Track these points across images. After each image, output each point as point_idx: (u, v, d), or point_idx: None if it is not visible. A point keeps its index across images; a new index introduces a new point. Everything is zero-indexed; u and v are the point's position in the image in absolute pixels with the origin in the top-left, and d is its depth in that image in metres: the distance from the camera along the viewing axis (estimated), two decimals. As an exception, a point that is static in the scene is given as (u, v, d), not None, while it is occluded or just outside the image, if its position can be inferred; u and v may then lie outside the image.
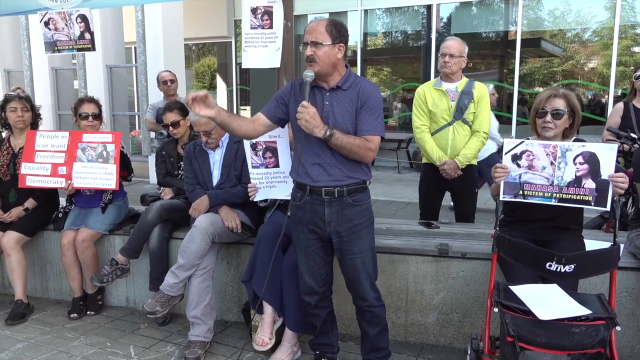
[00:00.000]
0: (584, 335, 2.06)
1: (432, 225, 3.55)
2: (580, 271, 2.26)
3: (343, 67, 2.46)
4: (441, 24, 10.74)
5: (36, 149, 3.57)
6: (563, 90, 2.63)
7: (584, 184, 2.39)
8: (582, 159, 2.39)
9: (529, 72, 10.41)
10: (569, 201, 2.44)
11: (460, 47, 3.53)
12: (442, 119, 3.60)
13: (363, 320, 2.63)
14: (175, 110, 3.63)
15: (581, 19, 9.90)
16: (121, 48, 10.26)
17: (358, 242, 2.51)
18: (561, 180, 2.43)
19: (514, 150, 2.49)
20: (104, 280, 3.40)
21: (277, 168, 3.00)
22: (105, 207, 3.67)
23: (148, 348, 3.15)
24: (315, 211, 2.50)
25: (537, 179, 2.47)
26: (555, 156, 2.43)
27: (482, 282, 2.99)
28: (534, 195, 2.48)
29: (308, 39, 2.38)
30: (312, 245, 2.58)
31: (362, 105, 2.41)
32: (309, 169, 2.47)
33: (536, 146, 2.46)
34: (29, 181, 3.57)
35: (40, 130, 3.66)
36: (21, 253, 3.62)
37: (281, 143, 2.95)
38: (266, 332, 2.92)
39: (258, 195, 3.05)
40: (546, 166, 2.44)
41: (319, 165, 2.45)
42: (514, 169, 2.49)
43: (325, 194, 2.46)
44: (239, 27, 12.75)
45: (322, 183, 2.45)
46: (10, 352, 3.11)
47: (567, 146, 2.42)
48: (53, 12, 3.97)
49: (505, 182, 2.51)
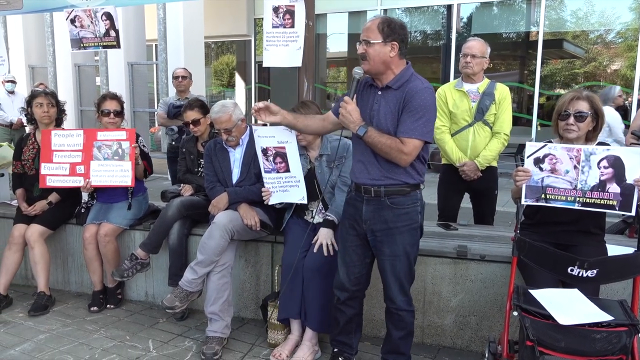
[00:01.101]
0: (605, 342, 2.03)
1: (450, 227, 3.53)
2: (602, 276, 2.23)
3: (399, 65, 2.41)
4: (461, 24, 10.67)
5: (53, 148, 3.61)
6: (587, 93, 2.59)
7: (608, 188, 2.36)
8: (607, 163, 2.36)
9: (550, 74, 10.29)
10: (593, 205, 2.40)
11: (483, 48, 3.50)
12: (462, 120, 3.58)
13: (389, 321, 2.63)
14: (195, 108, 3.67)
15: (605, 20, 9.75)
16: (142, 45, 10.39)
17: (391, 245, 2.48)
18: (585, 185, 2.40)
19: (536, 154, 2.46)
20: (124, 275, 3.45)
21: (288, 173, 3.00)
22: (131, 205, 3.73)
23: (166, 342, 3.19)
24: (355, 207, 2.55)
25: (560, 183, 2.44)
26: (579, 160, 2.40)
27: (501, 285, 2.97)
28: (556, 199, 2.45)
29: (361, 37, 2.40)
30: (350, 241, 2.61)
31: (405, 105, 2.36)
32: (355, 166, 2.56)
33: (559, 150, 2.43)
34: (49, 181, 3.63)
35: (54, 129, 3.70)
36: (44, 246, 3.69)
37: (290, 149, 2.93)
38: (286, 349, 2.95)
39: (272, 199, 3.06)
40: (569, 170, 2.41)
41: (362, 163, 2.50)
42: (536, 173, 2.46)
43: (364, 191, 2.49)
44: (258, 26, 12.81)
45: (362, 180, 2.49)
46: (32, 342, 3.18)
47: (591, 150, 2.39)
48: (79, 9, 4.04)
49: (527, 186, 2.48)
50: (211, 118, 3.35)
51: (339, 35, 12.58)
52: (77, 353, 3.05)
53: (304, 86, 3.50)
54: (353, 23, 12.08)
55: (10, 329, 3.36)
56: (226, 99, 5.13)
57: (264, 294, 3.40)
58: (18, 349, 3.09)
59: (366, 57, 2.36)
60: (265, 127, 3.04)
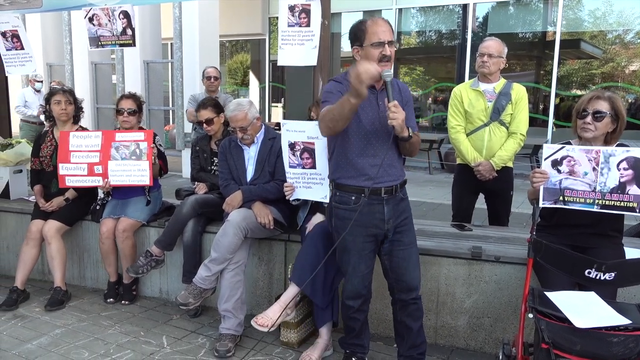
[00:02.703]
0: (622, 346, 2.00)
1: (465, 228, 3.51)
2: (620, 279, 2.20)
3: None
4: (477, 23, 10.58)
5: (70, 149, 3.64)
6: (609, 93, 2.56)
7: (628, 190, 2.33)
8: (627, 165, 2.33)
9: (566, 74, 10.16)
10: (613, 208, 2.37)
11: (500, 48, 3.47)
12: (478, 120, 3.56)
13: (405, 315, 2.63)
14: (209, 107, 3.69)
15: (623, 20, 9.61)
16: (158, 44, 10.48)
17: (408, 234, 2.59)
18: (604, 187, 2.36)
19: (554, 156, 2.44)
20: (139, 272, 3.49)
21: (313, 169, 2.99)
22: (149, 201, 3.78)
23: (180, 339, 3.22)
24: (373, 212, 2.50)
25: (578, 185, 2.41)
26: (598, 162, 2.37)
27: (516, 286, 2.94)
28: (575, 201, 2.42)
29: (386, 37, 2.36)
30: (367, 249, 2.56)
31: (406, 102, 2.46)
32: (369, 171, 2.45)
33: (577, 151, 2.40)
34: (68, 181, 3.67)
35: (73, 131, 3.74)
36: (61, 241, 3.74)
37: (319, 145, 2.93)
38: (316, 353, 2.90)
39: (294, 194, 3.07)
40: (588, 172, 2.38)
41: (379, 166, 2.43)
42: (554, 175, 2.44)
43: (385, 192, 2.48)
44: (273, 25, 12.83)
45: (383, 184, 2.47)
46: (49, 337, 3.22)
47: (611, 151, 2.36)
48: (97, 8, 4.09)
49: (544, 188, 2.46)
50: (226, 116, 3.37)
51: (353, 34, 12.54)
52: (92, 348, 3.08)
53: (319, 85, 3.50)
54: (368, 22, 12.01)
55: (27, 323, 3.41)
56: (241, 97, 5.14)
57: (276, 292, 3.41)
58: (35, 343, 3.13)
59: (391, 58, 2.38)
60: (295, 121, 3.05)
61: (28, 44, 4.59)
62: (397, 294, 2.64)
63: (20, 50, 4.58)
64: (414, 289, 2.60)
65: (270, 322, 2.77)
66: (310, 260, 2.83)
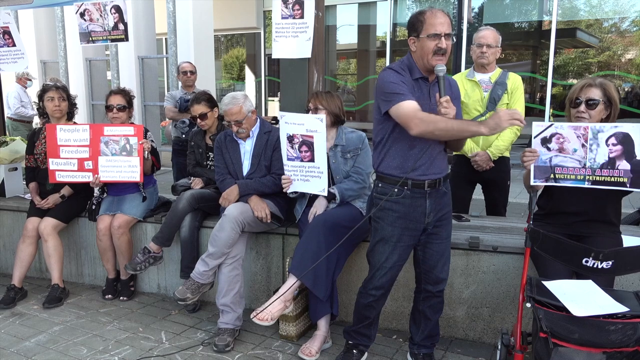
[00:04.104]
0: (620, 333, 2.00)
1: (462, 218, 3.50)
2: (618, 268, 2.20)
3: None
4: (472, 14, 10.53)
5: (59, 143, 3.61)
6: (600, 80, 2.55)
7: (617, 165, 2.32)
8: (615, 140, 2.31)
9: (563, 64, 10.15)
10: (603, 183, 2.36)
11: (496, 37, 3.47)
12: (474, 110, 3.54)
13: (427, 307, 2.68)
14: (203, 102, 3.66)
15: (619, 8, 9.58)
16: (152, 39, 10.39)
17: (447, 228, 2.61)
18: (594, 163, 2.36)
19: (543, 134, 2.43)
20: (137, 269, 3.48)
21: (312, 162, 2.97)
22: (145, 197, 3.76)
23: (179, 334, 3.21)
24: (415, 205, 2.48)
25: (568, 162, 2.40)
26: (587, 138, 2.36)
27: (514, 276, 2.94)
28: (565, 178, 2.42)
29: (444, 30, 2.31)
30: (404, 241, 2.54)
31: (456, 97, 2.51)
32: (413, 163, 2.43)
33: (566, 128, 2.39)
34: (59, 177, 3.65)
35: (59, 124, 3.70)
36: (58, 239, 3.73)
37: (318, 138, 2.91)
38: (315, 345, 2.91)
39: (291, 187, 3.06)
40: (577, 148, 2.37)
41: (424, 159, 2.43)
42: (544, 153, 2.43)
43: (428, 186, 2.46)
44: (268, 18, 12.77)
45: (428, 177, 2.46)
46: (47, 334, 3.22)
47: (599, 127, 2.35)
48: (88, 3, 4.05)
49: (535, 166, 2.45)
50: (221, 110, 3.35)
51: (348, 27, 12.50)
52: (91, 344, 3.08)
53: (314, 77, 3.48)
54: (363, 14, 11.98)
55: (26, 321, 3.40)
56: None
57: (275, 286, 3.41)
58: (33, 341, 3.13)
59: (446, 51, 2.34)
60: (293, 114, 3.03)
61: (20, 41, 4.55)
62: (424, 285, 2.66)
63: (12, 47, 4.54)
64: (442, 281, 2.64)
65: (270, 315, 2.76)
66: (310, 252, 2.81)
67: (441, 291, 2.67)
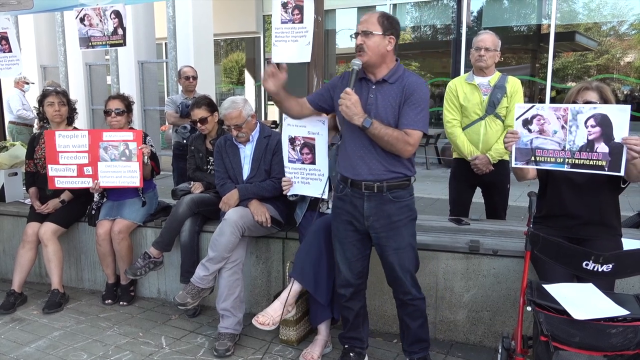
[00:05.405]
0: (621, 337, 2.00)
1: (462, 222, 3.50)
2: (618, 271, 2.19)
3: (392, 60, 2.48)
4: (471, 17, 10.56)
5: (58, 150, 3.61)
6: (597, 83, 2.56)
7: (596, 148, 2.31)
8: (594, 122, 2.30)
9: (562, 67, 10.17)
10: (582, 167, 2.35)
11: (495, 41, 3.48)
12: (473, 114, 3.55)
13: (405, 314, 2.64)
14: (203, 106, 3.66)
15: (617, 11, 9.61)
16: (152, 44, 10.42)
17: (396, 239, 2.51)
18: (573, 145, 2.35)
19: (524, 115, 2.42)
20: (137, 274, 3.47)
21: (313, 165, 2.98)
22: (145, 202, 3.76)
23: (179, 339, 3.21)
24: (354, 204, 2.52)
25: (548, 144, 2.39)
26: (566, 119, 2.35)
27: (514, 280, 2.94)
28: (546, 161, 2.41)
29: (359, 28, 2.41)
30: (349, 237, 2.59)
31: (406, 99, 2.41)
32: (353, 161, 2.50)
33: (547, 110, 2.38)
34: (58, 183, 3.65)
35: (58, 130, 3.70)
36: (57, 244, 3.72)
37: (320, 140, 2.92)
38: (316, 350, 2.90)
39: (291, 189, 3.06)
40: (557, 130, 2.36)
41: (361, 158, 2.47)
42: (525, 135, 2.42)
43: (365, 188, 2.47)
44: (267, 23, 12.80)
45: (362, 176, 2.47)
46: (47, 339, 3.21)
47: (578, 108, 2.34)
48: (89, 8, 4.06)
49: (516, 148, 2.45)
50: (221, 114, 3.35)
51: (348, 31, 12.53)
52: (91, 350, 3.07)
53: (313, 82, 3.48)
54: (362, 18, 11.99)
55: (25, 326, 3.40)
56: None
57: (275, 290, 3.40)
58: (33, 346, 3.12)
59: (364, 48, 2.38)
60: None
61: (16, 47, 4.56)
62: (394, 293, 2.65)
63: (7, 53, 4.54)
64: (408, 292, 2.57)
65: (271, 320, 2.76)
66: (311, 256, 2.82)
67: (415, 299, 2.58)
